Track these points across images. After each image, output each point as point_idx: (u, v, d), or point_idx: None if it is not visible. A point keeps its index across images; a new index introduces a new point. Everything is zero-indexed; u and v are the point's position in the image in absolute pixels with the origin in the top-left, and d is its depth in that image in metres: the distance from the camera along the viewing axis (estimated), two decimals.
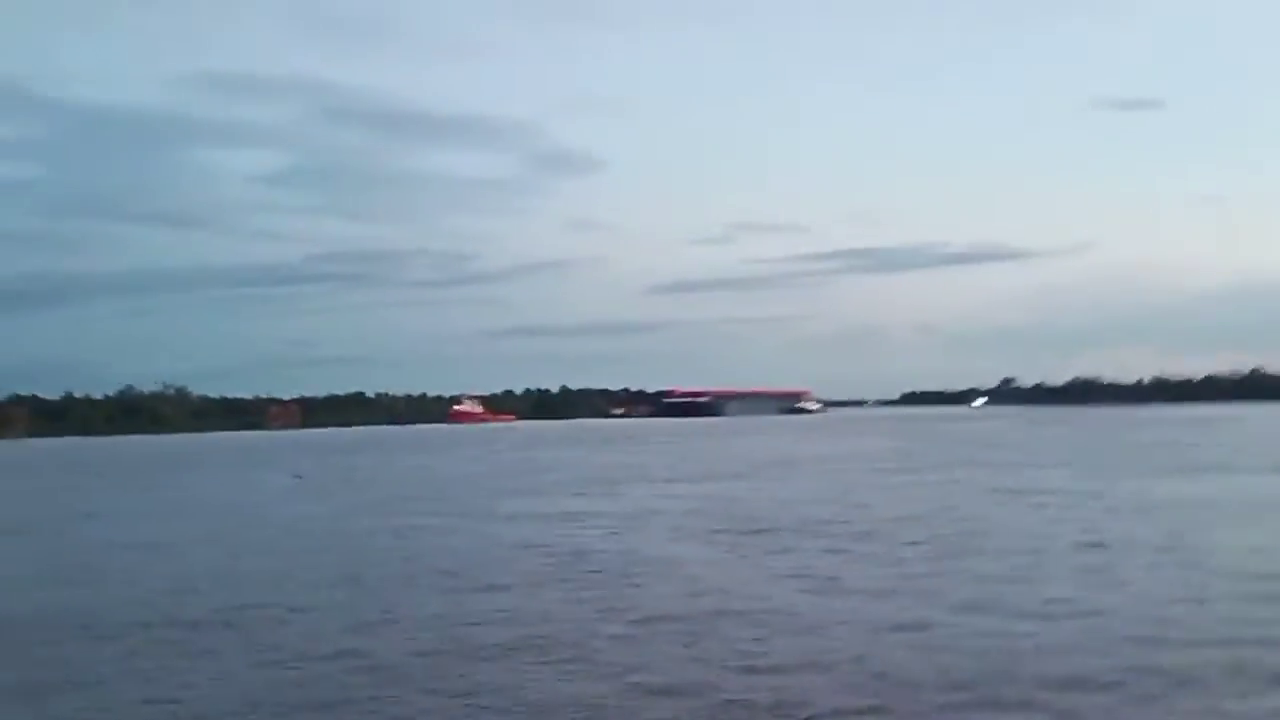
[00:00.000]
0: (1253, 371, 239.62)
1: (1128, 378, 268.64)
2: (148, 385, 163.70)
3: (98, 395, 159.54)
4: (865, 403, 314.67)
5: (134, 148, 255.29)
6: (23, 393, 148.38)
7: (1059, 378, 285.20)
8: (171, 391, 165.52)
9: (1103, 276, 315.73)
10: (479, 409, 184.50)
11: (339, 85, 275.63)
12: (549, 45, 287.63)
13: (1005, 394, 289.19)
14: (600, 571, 16.86)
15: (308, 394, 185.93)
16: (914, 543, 19.19)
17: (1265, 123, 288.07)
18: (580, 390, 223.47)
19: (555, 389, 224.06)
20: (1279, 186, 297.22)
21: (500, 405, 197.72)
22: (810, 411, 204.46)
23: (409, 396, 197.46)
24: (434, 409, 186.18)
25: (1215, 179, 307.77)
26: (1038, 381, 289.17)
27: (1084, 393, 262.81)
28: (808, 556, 17.96)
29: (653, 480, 37.68)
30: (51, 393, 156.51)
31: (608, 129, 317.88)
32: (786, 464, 46.41)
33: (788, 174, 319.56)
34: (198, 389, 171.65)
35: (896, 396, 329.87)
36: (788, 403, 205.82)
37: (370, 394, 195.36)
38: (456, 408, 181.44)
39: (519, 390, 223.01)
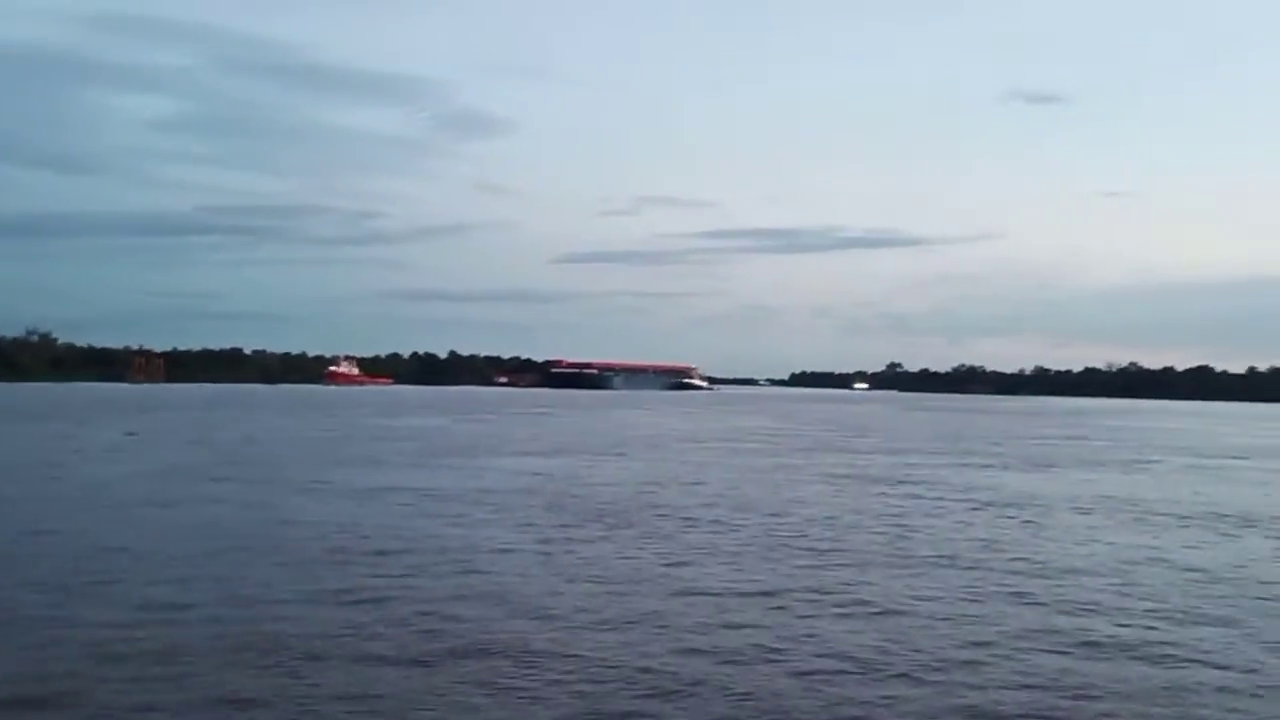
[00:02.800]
0: (1130, 365, 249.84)
1: (1009, 367, 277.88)
2: (12, 331, 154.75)
3: None
4: (758, 382, 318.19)
5: (22, 87, 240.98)
6: None
7: (944, 364, 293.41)
8: (35, 338, 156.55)
9: (999, 267, 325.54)
10: (355, 371, 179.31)
11: (243, 34, 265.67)
12: (463, 5, 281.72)
13: (889, 379, 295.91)
14: (346, 552, 15.22)
15: (182, 348, 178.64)
16: (723, 527, 18.10)
17: (1170, 121, 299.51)
18: (467, 356, 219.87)
19: (443, 354, 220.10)
20: (1181, 185, 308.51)
21: (380, 368, 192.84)
22: (697, 388, 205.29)
23: (286, 355, 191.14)
24: (311, 369, 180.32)
25: (1119, 175, 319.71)
26: (923, 367, 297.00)
27: (965, 380, 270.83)
28: (605, 545, 16.64)
29: (501, 454, 36.01)
30: None
31: (520, 94, 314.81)
32: (650, 442, 45.33)
33: (698, 151, 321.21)
34: (71, 338, 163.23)
35: (787, 377, 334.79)
36: (675, 378, 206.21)
37: (248, 351, 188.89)
38: (332, 369, 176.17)
39: (406, 354, 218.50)
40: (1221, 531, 20.04)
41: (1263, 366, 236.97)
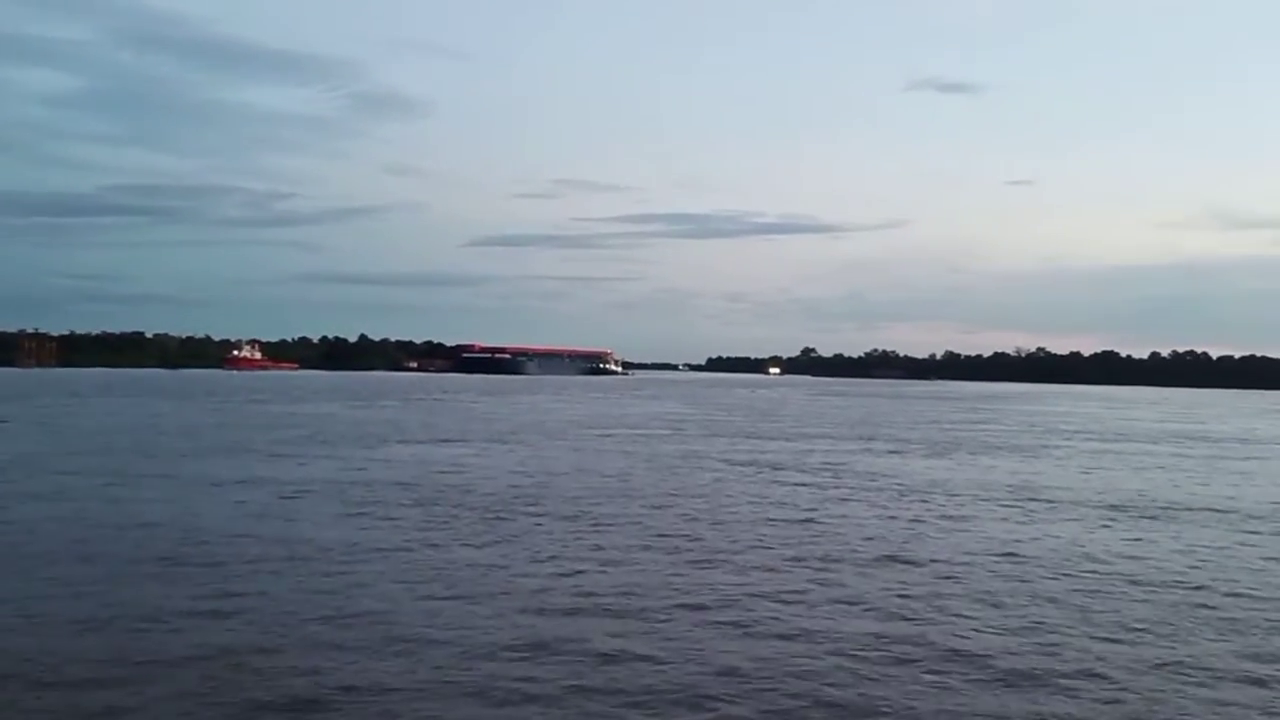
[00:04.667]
0: (1038, 350, 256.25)
1: (920, 352, 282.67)
2: None
3: None
4: (676, 367, 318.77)
5: None
6: None
7: (856, 349, 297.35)
8: None
9: (911, 254, 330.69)
10: (257, 355, 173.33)
11: (146, 7, 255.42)
12: None
13: (803, 363, 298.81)
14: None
15: (80, 331, 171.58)
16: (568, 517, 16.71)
17: (1077, 110, 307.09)
18: (378, 341, 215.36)
19: (353, 338, 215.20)
20: (1087, 173, 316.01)
21: (287, 352, 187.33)
22: (613, 373, 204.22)
23: (189, 339, 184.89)
24: (213, 353, 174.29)
25: (1027, 163, 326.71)
26: (836, 352, 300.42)
27: (877, 364, 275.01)
28: (471, 547, 15.11)
29: (389, 442, 34.10)
30: None
31: (435, 74, 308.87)
32: (553, 428, 43.78)
33: (615, 134, 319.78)
34: None
35: (704, 362, 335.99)
36: (590, 363, 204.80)
37: (150, 335, 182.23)
38: (234, 353, 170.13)
39: (315, 338, 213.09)
40: (1111, 519, 19.31)
41: (1165, 351, 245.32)
